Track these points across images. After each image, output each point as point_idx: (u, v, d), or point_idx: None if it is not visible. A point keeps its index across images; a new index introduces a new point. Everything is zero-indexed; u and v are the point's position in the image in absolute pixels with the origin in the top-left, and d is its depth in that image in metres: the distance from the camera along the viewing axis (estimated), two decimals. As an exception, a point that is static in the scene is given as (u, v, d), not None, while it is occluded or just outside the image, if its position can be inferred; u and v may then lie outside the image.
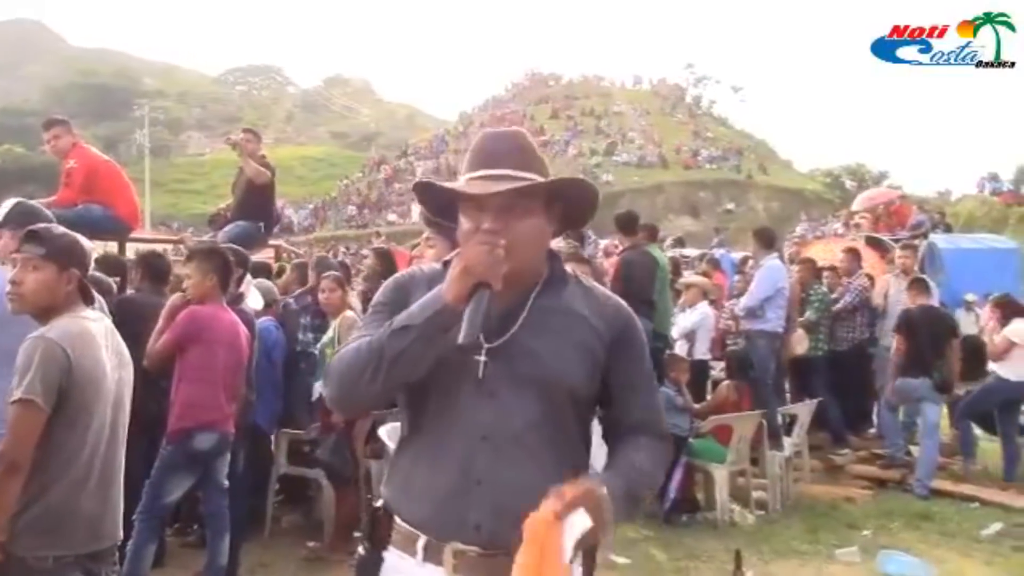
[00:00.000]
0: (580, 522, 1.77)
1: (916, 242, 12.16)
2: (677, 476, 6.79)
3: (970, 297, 11.50)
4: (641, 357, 2.08)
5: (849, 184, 49.11)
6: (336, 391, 1.95)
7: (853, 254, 10.20)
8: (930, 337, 8.01)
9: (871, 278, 9.90)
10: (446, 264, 2.01)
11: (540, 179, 1.95)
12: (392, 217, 49.45)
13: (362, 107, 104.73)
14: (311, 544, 6.06)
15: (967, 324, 11.16)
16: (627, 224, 8.14)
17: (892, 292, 9.48)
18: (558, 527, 1.75)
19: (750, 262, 8.77)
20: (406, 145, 67.78)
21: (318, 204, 55.49)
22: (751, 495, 7.25)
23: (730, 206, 50.02)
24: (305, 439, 6.14)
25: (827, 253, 12.05)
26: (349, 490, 6.03)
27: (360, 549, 2.05)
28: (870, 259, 11.05)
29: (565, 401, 1.95)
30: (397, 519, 1.98)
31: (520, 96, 72.23)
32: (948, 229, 17.24)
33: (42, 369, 2.69)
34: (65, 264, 2.89)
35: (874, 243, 12.77)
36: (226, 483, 4.92)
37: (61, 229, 3.06)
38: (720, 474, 6.91)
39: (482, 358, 1.90)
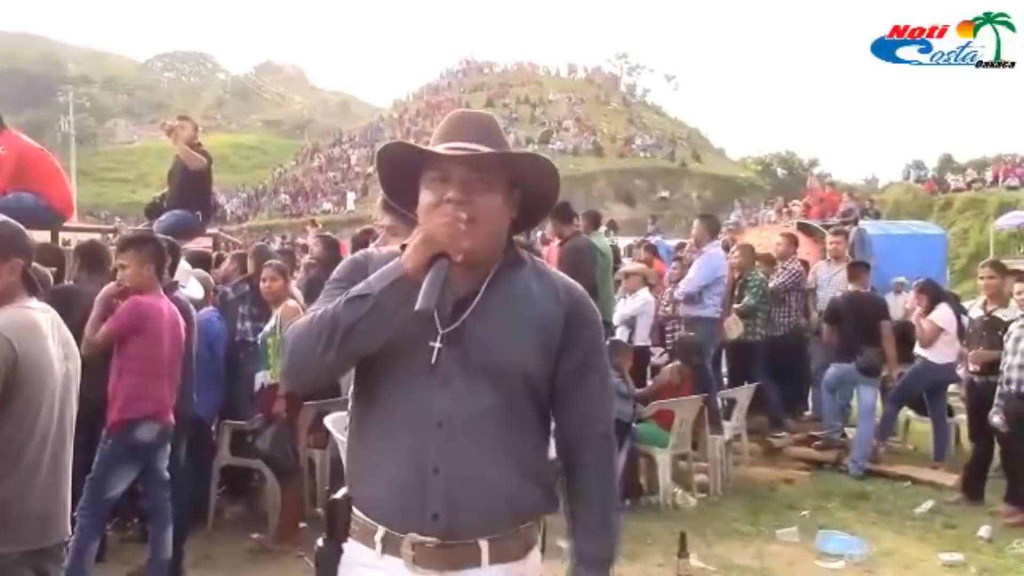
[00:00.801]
0: None
1: (846, 228, 12.43)
2: (621, 461, 6.86)
3: (901, 279, 11.78)
4: (593, 339, 2.04)
5: (780, 172, 49.83)
6: (289, 362, 1.91)
7: (790, 239, 10.37)
8: (856, 322, 8.21)
9: (805, 263, 10.09)
10: (404, 247, 1.94)
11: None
12: (327, 206, 49.11)
13: (295, 95, 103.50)
14: (256, 536, 5.99)
15: (897, 307, 11.45)
16: (564, 214, 8.15)
17: (823, 277, 9.68)
18: None
19: (687, 248, 8.87)
20: (340, 133, 67.25)
21: (251, 193, 54.79)
22: (693, 479, 7.35)
23: (664, 194, 50.61)
24: (248, 430, 6.06)
25: (762, 240, 12.26)
26: (293, 481, 5.97)
27: (319, 541, 2.02)
28: (804, 245, 11.25)
29: (521, 386, 1.92)
30: (355, 510, 1.96)
31: (455, 84, 71.95)
32: (877, 216, 17.67)
33: None
34: (6, 254, 2.80)
35: (806, 230, 13.02)
36: (167, 475, 4.84)
37: (1, 218, 2.99)
38: (663, 458, 6.98)
39: (436, 344, 1.87)
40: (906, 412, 9.12)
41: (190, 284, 6.00)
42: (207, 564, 5.58)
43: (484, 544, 1.88)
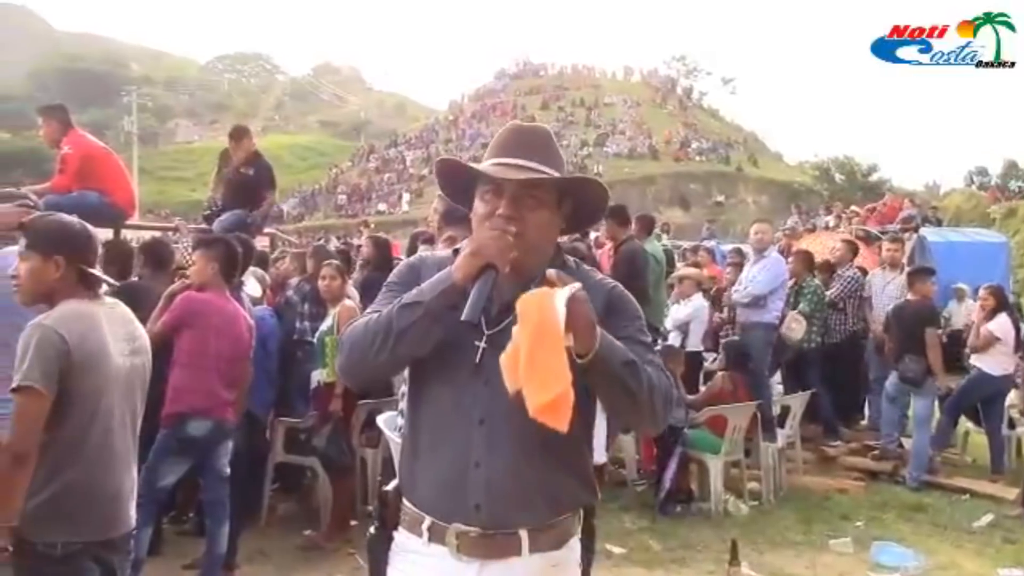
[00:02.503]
0: (567, 291, 1.82)
1: (904, 235, 12.23)
2: (672, 466, 6.82)
3: (962, 286, 11.56)
4: (631, 323, 2.08)
5: (838, 177, 49.09)
6: (347, 360, 2.05)
7: (848, 245, 10.23)
8: (902, 332, 8.09)
9: (863, 271, 9.94)
10: (456, 251, 2.09)
11: (558, 174, 2.05)
12: (381, 207, 49.43)
13: (352, 96, 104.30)
14: (307, 532, 6.05)
15: (959, 315, 11.25)
16: (620, 216, 8.13)
17: (877, 285, 9.53)
18: (550, 296, 1.79)
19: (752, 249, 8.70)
20: (395, 134, 67.65)
21: (307, 193, 55.36)
22: (745, 486, 7.28)
23: (720, 198, 50.22)
24: (301, 428, 6.13)
25: (818, 246, 12.10)
26: (346, 479, 6.04)
27: (371, 528, 2.15)
28: (862, 252, 11.09)
29: None
30: (405, 501, 2.08)
31: (510, 86, 72.04)
32: (938, 223, 17.34)
33: (38, 354, 2.68)
34: (49, 252, 2.87)
35: (865, 237, 12.82)
36: (227, 471, 4.91)
37: (48, 217, 3.06)
38: (715, 464, 6.93)
39: (481, 344, 1.98)
40: (965, 423, 8.94)
41: (249, 283, 6.09)
42: (259, 560, 5.66)
43: (524, 534, 1.99)
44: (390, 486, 2.16)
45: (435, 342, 1.96)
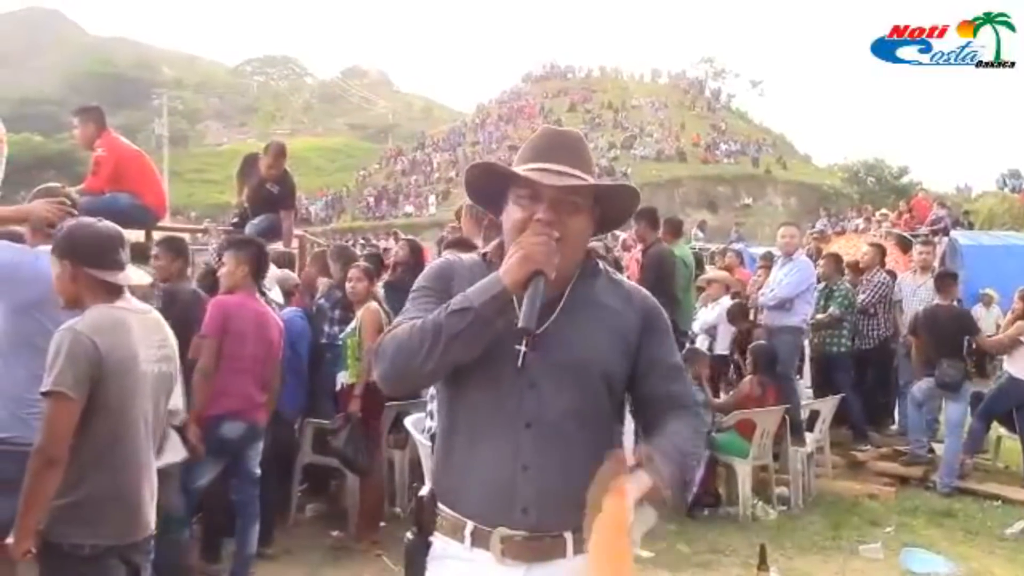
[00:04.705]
0: (642, 515, 1.86)
1: (935, 239, 12.13)
2: (700, 470, 6.79)
3: (989, 291, 11.42)
4: (668, 342, 2.18)
5: (869, 180, 48.64)
6: (390, 368, 2.01)
7: (877, 249, 10.14)
8: (934, 336, 8.01)
9: (892, 274, 9.85)
10: (483, 256, 2.14)
11: (594, 180, 2.07)
12: (409, 209, 49.56)
13: (379, 98, 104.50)
14: (335, 533, 6.09)
15: (987, 321, 11.09)
16: (651, 218, 8.12)
17: (907, 288, 9.44)
18: (624, 525, 1.81)
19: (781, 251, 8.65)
20: (423, 137, 67.78)
21: (335, 195, 55.60)
22: (773, 490, 7.24)
23: (748, 200, 49.93)
24: (329, 429, 6.16)
25: (848, 248, 12.02)
26: (373, 480, 6.05)
27: (408, 534, 2.12)
28: (893, 255, 11.00)
29: (600, 386, 2.04)
30: (441, 506, 2.06)
31: (537, 88, 72.01)
32: (970, 226, 17.15)
33: (70, 360, 2.70)
34: (61, 257, 2.92)
35: (895, 239, 12.71)
36: (258, 472, 4.96)
37: (68, 223, 3.09)
38: (743, 469, 6.90)
39: (522, 348, 1.96)
40: (997, 429, 8.83)
41: (273, 289, 6.13)
42: (287, 560, 5.69)
43: (569, 536, 1.98)
44: (424, 491, 2.14)
45: (484, 347, 1.96)
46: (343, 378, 5.99)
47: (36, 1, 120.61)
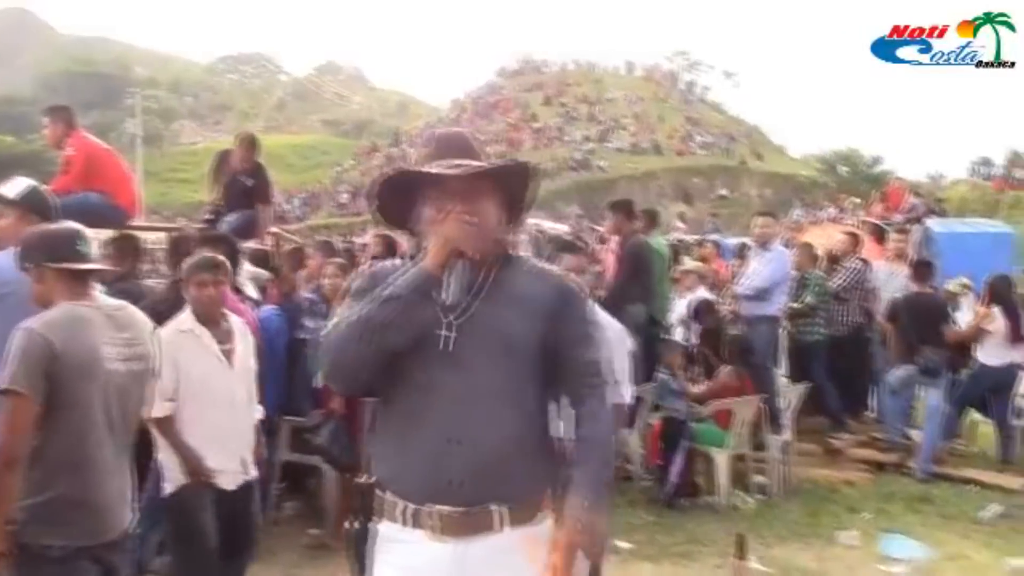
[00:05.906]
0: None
1: (909, 227, 12.19)
2: (678, 461, 6.82)
3: (962, 281, 11.50)
4: (579, 316, 2.31)
5: (843, 170, 48.87)
6: (331, 365, 2.18)
7: (851, 237, 10.20)
8: (914, 324, 8.07)
9: (866, 262, 9.90)
10: (412, 258, 2.29)
11: (489, 164, 2.27)
12: (385, 205, 49.27)
13: (354, 95, 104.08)
14: (314, 532, 6.07)
15: (961, 309, 11.15)
16: (628, 210, 8.14)
17: (883, 276, 9.50)
18: None
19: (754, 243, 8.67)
20: (398, 132, 67.48)
21: (311, 192, 55.29)
22: (752, 479, 7.27)
23: (724, 192, 49.98)
24: (307, 426, 6.13)
25: (823, 238, 12.05)
26: (353, 477, 6.01)
27: (345, 524, 2.25)
28: (867, 244, 11.05)
29: (522, 363, 2.19)
30: (379, 491, 2.17)
31: (512, 83, 71.85)
32: (943, 214, 17.25)
33: (23, 358, 2.70)
34: (26, 265, 2.95)
35: (869, 228, 12.77)
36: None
37: (34, 229, 3.08)
38: (721, 458, 6.93)
39: (445, 332, 2.14)
40: (972, 414, 8.92)
41: (247, 286, 6.09)
42: (266, 559, 5.62)
43: (499, 509, 2.13)
44: (363, 478, 2.24)
45: (415, 331, 2.10)
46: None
47: (8, 1, 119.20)
